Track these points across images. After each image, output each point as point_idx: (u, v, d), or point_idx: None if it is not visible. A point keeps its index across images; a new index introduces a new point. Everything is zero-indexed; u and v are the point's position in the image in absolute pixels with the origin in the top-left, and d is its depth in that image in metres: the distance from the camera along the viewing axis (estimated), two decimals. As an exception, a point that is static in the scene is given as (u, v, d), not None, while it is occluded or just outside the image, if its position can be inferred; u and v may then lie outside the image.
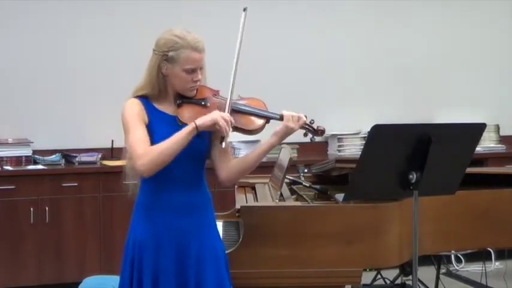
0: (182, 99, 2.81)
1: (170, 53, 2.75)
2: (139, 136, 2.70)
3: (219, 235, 2.94)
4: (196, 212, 2.82)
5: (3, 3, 5.58)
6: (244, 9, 2.84)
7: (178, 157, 2.69)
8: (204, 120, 2.66)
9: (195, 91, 2.83)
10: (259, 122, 2.84)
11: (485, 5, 6.63)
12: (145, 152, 2.65)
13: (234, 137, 5.47)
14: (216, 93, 2.86)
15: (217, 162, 2.89)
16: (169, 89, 2.82)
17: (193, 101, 2.82)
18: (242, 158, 2.94)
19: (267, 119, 2.85)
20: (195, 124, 2.65)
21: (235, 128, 2.82)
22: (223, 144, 2.65)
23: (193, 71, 2.77)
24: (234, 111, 2.82)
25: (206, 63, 2.86)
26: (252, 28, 6.05)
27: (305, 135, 2.95)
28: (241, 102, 2.87)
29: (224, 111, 2.75)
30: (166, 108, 2.82)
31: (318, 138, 3.00)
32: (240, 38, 2.84)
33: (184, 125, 2.75)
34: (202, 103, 2.82)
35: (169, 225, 2.78)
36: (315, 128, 2.92)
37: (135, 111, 2.75)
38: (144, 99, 2.81)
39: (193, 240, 2.79)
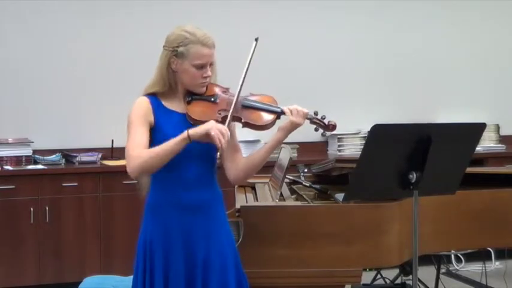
0: (192, 96, 2.82)
1: (180, 49, 2.76)
2: (137, 140, 2.72)
3: (229, 233, 2.92)
4: (206, 210, 2.82)
5: (4, 4, 5.58)
6: (256, 39, 2.82)
7: (188, 156, 2.72)
8: (196, 129, 2.63)
9: (205, 88, 2.84)
10: (269, 117, 2.84)
11: (485, 5, 6.63)
12: (137, 155, 2.67)
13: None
14: (225, 90, 2.87)
15: (227, 161, 2.90)
16: (179, 86, 2.83)
17: (203, 98, 2.83)
18: (250, 156, 2.93)
19: (277, 114, 2.85)
20: (187, 133, 2.63)
21: (246, 124, 2.83)
22: (217, 155, 2.61)
23: (202, 66, 2.78)
24: (244, 106, 2.83)
25: (217, 62, 2.87)
26: (252, 28, 6.11)
27: (316, 129, 2.93)
28: (251, 98, 2.88)
29: (231, 108, 2.76)
30: (175, 106, 2.83)
31: (329, 133, 2.97)
32: (248, 63, 2.82)
33: (195, 122, 2.76)
34: (212, 99, 2.83)
35: (179, 224, 2.79)
36: (326, 123, 2.91)
37: (140, 112, 2.77)
38: (154, 97, 2.82)
39: (201, 240, 2.79)
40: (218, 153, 2.64)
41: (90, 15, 5.75)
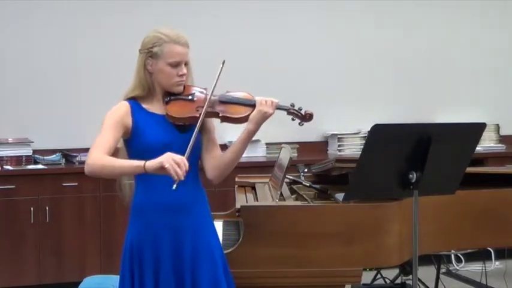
0: (170, 96, 2.85)
1: (154, 49, 2.81)
2: (102, 141, 2.75)
3: (215, 233, 2.93)
4: (190, 210, 2.83)
5: (4, 3, 5.59)
6: (223, 62, 2.83)
7: None
8: (153, 161, 2.61)
9: (182, 88, 2.86)
10: (246, 110, 2.87)
11: (485, 5, 6.64)
12: (95, 158, 2.70)
13: (233, 136, 5.52)
14: (203, 90, 2.90)
15: (205, 160, 2.91)
16: (156, 87, 2.85)
17: (180, 97, 2.86)
18: (225, 153, 2.92)
19: (254, 107, 2.86)
20: (144, 164, 2.62)
21: (223, 118, 2.87)
22: (174, 186, 2.57)
23: (177, 64, 2.81)
24: (221, 102, 2.87)
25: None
26: (252, 28, 6.11)
27: (293, 119, 2.97)
28: (228, 94, 2.91)
29: (206, 102, 2.79)
30: (155, 108, 2.86)
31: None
32: (214, 83, 2.83)
33: (174, 121, 2.80)
34: (189, 97, 2.86)
35: (165, 224, 2.80)
36: (303, 113, 2.94)
37: (116, 116, 2.80)
38: (134, 101, 2.85)
39: (188, 239, 2.80)
40: (174, 185, 2.57)
41: (91, 16, 5.75)
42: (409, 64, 6.48)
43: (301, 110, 2.95)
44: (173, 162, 2.57)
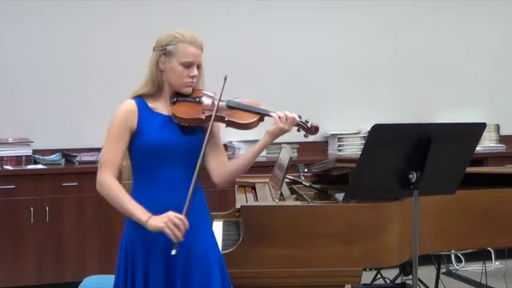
0: (177, 97, 2.86)
1: (168, 47, 2.82)
2: (111, 157, 2.78)
3: (212, 234, 2.92)
4: (188, 212, 2.81)
5: (4, 4, 5.59)
6: (225, 78, 2.85)
7: (172, 159, 2.74)
8: (154, 223, 2.65)
9: (191, 89, 2.87)
10: (252, 116, 2.88)
11: (485, 6, 6.64)
12: (104, 182, 2.75)
13: (233, 136, 5.52)
14: (211, 95, 2.90)
15: (211, 164, 2.91)
16: (166, 86, 2.86)
17: (188, 99, 2.87)
18: (236, 159, 2.96)
19: (261, 115, 2.88)
20: (147, 219, 2.66)
21: (229, 122, 2.87)
22: (173, 251, 2.63)
23: (189, 65, 2.82)
24: (229, 107, 2.88)
25: (206, 67, 2.90)
26: (253, 28, 6.11)
27: (298, 130, 2.97)
28: (235, 100, 2.92)
29: (215, 107, 2.81)
30: (161, 108, 2.86)
31: (312, 137, 3.00)
32: (221, 89, 2.85)
33: (180, 121, 2.80)
34: (197, 99, 2.87)
35: None
36: (309, 126, 2.95)
37: (123, 118, 2.81)
38: (141, 99, 2.85)
39: (182, 243, 2.78)
40: (173, 250, 2.64)
41: (91, 17, 5.75)
42: (409, 64, 6.48)
43: (307, 122, 2.95)
44: (173, 226, 2.62)
